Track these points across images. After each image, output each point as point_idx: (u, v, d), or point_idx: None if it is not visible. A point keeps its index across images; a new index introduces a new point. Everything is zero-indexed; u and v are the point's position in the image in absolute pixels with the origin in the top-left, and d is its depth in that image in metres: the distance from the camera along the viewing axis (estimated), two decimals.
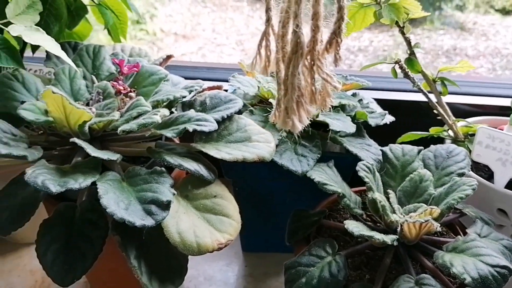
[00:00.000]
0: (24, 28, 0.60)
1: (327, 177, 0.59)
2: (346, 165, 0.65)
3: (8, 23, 0.60)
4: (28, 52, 0.73)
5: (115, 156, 0.53)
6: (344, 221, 0.54)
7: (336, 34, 0.40)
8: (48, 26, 0.68)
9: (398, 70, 0.72)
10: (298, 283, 0.52)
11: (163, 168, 0.54)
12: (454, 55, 2.64)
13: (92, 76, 0.66)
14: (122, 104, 0.61)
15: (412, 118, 0.83)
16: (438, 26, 2.90)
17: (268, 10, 0.44)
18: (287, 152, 0.63)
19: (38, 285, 0.75)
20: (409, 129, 0.79)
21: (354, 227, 0.52)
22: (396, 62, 0.71)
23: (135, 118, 0.57)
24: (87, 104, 0.64)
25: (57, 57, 0.70)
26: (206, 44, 2.26)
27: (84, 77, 0.67)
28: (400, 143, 0.71)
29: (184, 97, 0.61)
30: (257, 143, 0.60)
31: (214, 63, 1.28)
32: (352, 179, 0.64)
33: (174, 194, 0.52)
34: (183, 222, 0.52)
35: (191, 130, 0.56)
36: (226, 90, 0.79)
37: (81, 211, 0.53)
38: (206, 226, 0.53)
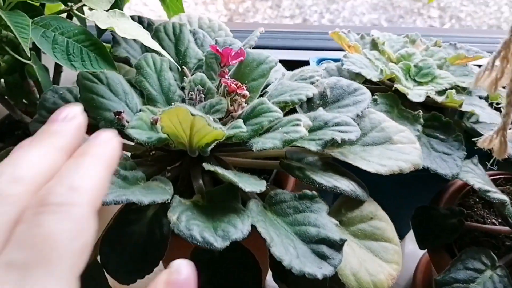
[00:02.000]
0: (107, 15, 0.45)
1: (482, 180, 0.52)
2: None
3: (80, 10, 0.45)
4: None
5: (261, 186, 0.42)
6: None
7: None
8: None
9: None
10: None
11: (314, 192, 0.45)
12: None
13: (183, 67, 0.53)
14: (235, 105, 0.50)
15: None
16: None
17: None
18: (423, 149, 0.55)
19: None
20: None
21: None
22: None
23: (268, 129, 0.46)
24: (183, 102, 0.51)
25: (126, 41, 0.56)
26: None
27: (170, 68, 0.53)
28: None
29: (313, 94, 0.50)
30: (401, 145, 0.51)
31: (274, 25, 1.12)
32: None
33: (337, 225, 0.43)
34: (350, 258, 0.43)
35: (339, 140, 0.46)
36: (306, 62, 0.68)
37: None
38: (372, 258, 0.45)
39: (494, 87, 0.34)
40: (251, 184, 0.41)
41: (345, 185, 0.46)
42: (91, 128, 0.48)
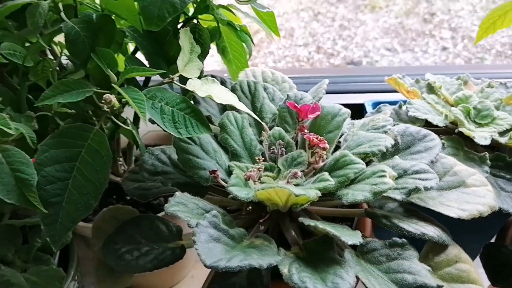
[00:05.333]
0: (201, 82, 0.49)
1: None
2: None
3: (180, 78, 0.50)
4: None
5: (359, 238, 0.45)
6: None
7: None
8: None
9: None
10: None
11: (404, 240, 0.47)
12: None
13: (262, 123, 0.57)
14: (316, 158, 0.53)
15: None
16: None
17: None
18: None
19: None
20: None
21: None
22: None
23: (353, 180, 0.49)
24: (264, 158, 0.55)
25: (205, 101, 0.60)
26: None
27: (249, 124, 0.57)
28: None
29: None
30: (475, 188, 0.53)
31: (324, 69, 1.16)
32: None
33: (429, 270, 0.45)
34: None
35: (422, 188, 0.49)
36: (360, 106, 0.71)
37: None
38: None
39: None
40: (350, 236, 0.44)
41: (431, 231, 0.48)
42: (188, 185, 0.52)
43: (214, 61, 1.57)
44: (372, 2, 2.63)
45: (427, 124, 0.65)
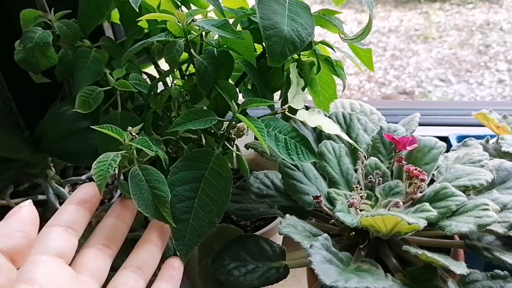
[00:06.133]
0: (308, 113, 0.53)
1: None
2: None
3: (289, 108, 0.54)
4: None
5: (465, 268, 0.46)
6: None
7: None
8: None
9: None
10: None
11: (506, 272, 0.48)
12: (489, 30, 2.55)
13: (359, 153, 0.60)
14: (415, 188, 0.55)
15: None
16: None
17: None
18: None
19: None
20: None
21: None
22: None
23: (454, 212, 0.51)
24: (359, 185, 0.58)
25: (301, 129, 0.64)
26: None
27: (346, 154, 0.61)
28: None
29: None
30: None
31: (410, 102, 1.19)
32: None
33: None
34: None
35: None
36: (444, 138, 0.72)
37: None
38: None
39: None
40: (457, 266, 0.45)
41: None
42: (291, 209, 0.55)
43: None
44: (424, 32, 2.62)
45: None
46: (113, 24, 0.86)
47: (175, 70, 0.56)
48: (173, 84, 0.62)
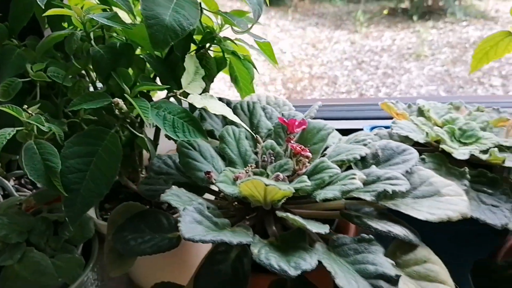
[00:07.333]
0: (201, 97, 0.59)
1: None
2: None
3: (183, 93, 0.60)
4: None
5: (325, 228, 0.51)
6: None
7: None
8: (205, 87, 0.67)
9: None
10: None
11: (371, 236, 0.52)
12: None
13: (257, 136, 0.65)
14: (300, 165, 0.60)
15: None
16: (460, 17, 2.85)
17: None
18: (472, 202, 0.61)
19: None
20: None
21: None
22: None
23: (329, 183, 0.56)
24: (256, 166, 0.63)
25: (211, 117, 0.70)
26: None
27: (246, 137, 0.66)
28: None
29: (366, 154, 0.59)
30: (449, 197, 0.57)
31: (331, 99, 1.26)
32: None
33: (393, 264, 0.50)
34: None
35: (390, 191, 0.54)
36: (360, 130, 0.77)
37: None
38: None
39: None
40: (317, 227, 0.50)
41: (398, 230, 0.53)
42: (188, 185, 0.60)
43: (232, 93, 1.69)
44: (417, 50, 2.66)
45: (417, 145, 0.70)
46: None
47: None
48: (97, 78, 0.69)
